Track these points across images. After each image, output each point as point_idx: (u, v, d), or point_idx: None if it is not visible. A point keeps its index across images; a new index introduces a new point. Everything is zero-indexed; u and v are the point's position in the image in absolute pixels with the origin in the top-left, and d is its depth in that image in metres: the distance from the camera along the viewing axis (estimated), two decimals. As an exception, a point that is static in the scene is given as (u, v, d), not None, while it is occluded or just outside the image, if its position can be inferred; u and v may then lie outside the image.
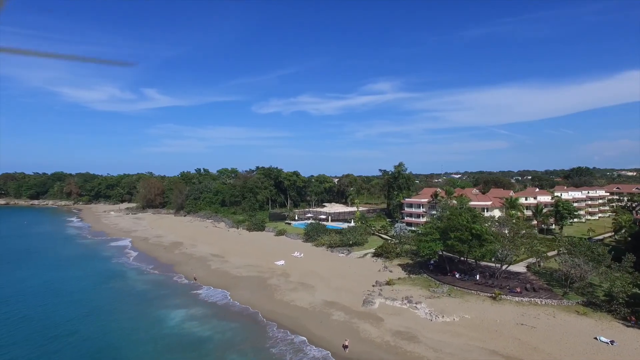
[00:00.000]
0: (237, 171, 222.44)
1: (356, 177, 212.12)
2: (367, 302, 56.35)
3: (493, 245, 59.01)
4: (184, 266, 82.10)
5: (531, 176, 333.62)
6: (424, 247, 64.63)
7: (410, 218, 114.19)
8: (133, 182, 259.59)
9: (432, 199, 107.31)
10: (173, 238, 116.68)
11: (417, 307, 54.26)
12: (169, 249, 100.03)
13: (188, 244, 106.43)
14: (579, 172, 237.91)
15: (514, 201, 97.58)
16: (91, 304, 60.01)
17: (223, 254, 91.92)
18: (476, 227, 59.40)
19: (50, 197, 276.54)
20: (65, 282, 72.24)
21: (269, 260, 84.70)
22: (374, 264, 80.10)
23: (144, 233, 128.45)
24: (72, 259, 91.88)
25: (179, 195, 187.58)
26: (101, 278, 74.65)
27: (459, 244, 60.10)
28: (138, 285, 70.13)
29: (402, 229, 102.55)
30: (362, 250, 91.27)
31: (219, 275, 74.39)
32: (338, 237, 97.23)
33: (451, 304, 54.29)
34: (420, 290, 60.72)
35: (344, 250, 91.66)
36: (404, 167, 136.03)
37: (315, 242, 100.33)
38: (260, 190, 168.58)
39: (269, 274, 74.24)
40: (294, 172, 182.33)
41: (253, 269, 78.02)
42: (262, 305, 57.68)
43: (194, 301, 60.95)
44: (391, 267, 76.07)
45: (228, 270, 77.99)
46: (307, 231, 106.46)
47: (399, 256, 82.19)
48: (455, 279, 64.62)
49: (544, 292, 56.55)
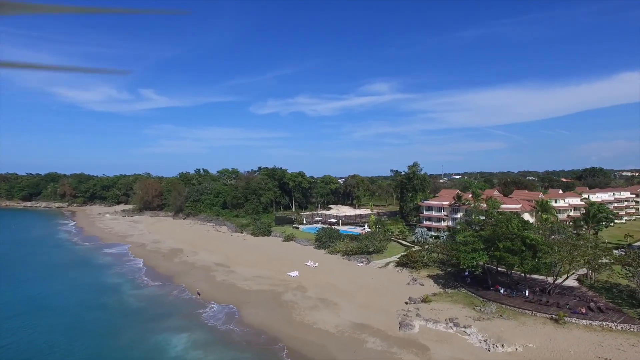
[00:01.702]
0: (238, 172, 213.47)
1: (363, 177, 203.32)
2: (404, 325, 47.57)
3: (551, 257, 50.32)
4: (185, 277, 73.04)
5: (533, 177, 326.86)
6: (465, 258, 55.86)
7: (430, 222, 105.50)
8: (130, 183, 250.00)
9: (454, 202, 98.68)
10: (172, 244, 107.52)
11: (466, 331, 45.54)
12: (168, 257, 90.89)
13: (189, 250, 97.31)
14: (592, 172, 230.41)
15: (546, 204, 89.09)
16: (79, 327, 50.93)
17: (228, 263, 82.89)
18: (530, 236, 50.71)
19: (43, 199, 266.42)
20: (50, 298, 63.02)
21: (280, 270, 75.83)
22: (399, 274, 71.41)
23: (141, 238, 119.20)
24: (60, 269, 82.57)
25: (178, 197, 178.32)
26: (91, 293, 65.50)
27: (509, 256, 51.37)
28: (133, 301, 61.04)
29: (424, 234, 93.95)
30: (383, 258, 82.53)
31: (225, 289, 65.39)
32: (355, 243, 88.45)
33: (507, 328, 45.57)
34: (464, 310, 51.98)
35: (362, 258, 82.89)
36: (419, 167, 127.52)
37: (329, 249, 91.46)
38: (264, 191, 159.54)
39: (283, 288, 65.33)
40: (299, 173, 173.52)
41: (264, 282, 69.07)
42: (280, 329, 48.79)
43: (199, 323, 51.95)
44: (420, 279, 67.33)
45: (235, 282, 69.00)
46: (318, 237, 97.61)
47: (426, 266, 73.53)
48: (500, 295, 55.92)
49: (614, 313, 47.91)
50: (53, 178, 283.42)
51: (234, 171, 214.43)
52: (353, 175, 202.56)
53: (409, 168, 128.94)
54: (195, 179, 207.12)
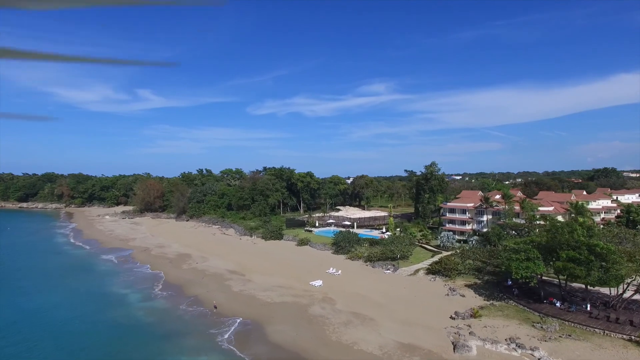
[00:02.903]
0: (242, 172, 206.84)
1: (372, 178, 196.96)
2: (460, 347, 41.17)
3: (626, 268, 44.10)
4: (197, 287, 66.37)
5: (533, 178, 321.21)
6: (518, 267, 49.53)
7: (453, 225, 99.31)
8: (129, 184, 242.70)
9: (481, 203, 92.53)
10: (178, 248, 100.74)
11: (534, 354, 39.18)
12: (175, 263, 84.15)
13: (197, 256, 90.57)
14: (605, 173, 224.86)
15: (581, 206, 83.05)
16: (81, 348, 44.26)
17: (242, 270, 76.26)
18: (600, 244, 44.48)
19: (40, 200, 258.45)
20: (48, 312, 56.19)
21: (301, 279, 69.34)
22: (433, 284, 65.07)
23: (144, 242, 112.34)
24: (59, 277, 75.70)
25: (181, 197, 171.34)
26: (95, 305, 58.74)
27: (574, 267, 45.08)
28: (142, 316, 54.35)
29: (450, 238, 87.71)
30: (410, 265, 76.22)
31: (244, 301, 58.77)
32: (378, 248, 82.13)
33: (583, 352, 39.24)
34: (522, 327, 45.63)
35: (388, 265, 76.50)
36: (437, 167, 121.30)
37: (349, 255, 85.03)
38: (271, 192, 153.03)
39: (308, 299, 58.81)
40: (307, 173, 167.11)
41: (286, 292, 62.52)
42: (316, 350, 42.29)
43: (218, 343, 45.28)
44: (458, 289, 60.98)
45: (254, 293, 62.38)
46: (336, 241, 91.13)
47: (460, 274, 67.25)
48: (557, 310, 49.60)
49: (701, 332, 41.71)
50: (50, 178, 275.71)
51: (237, 171, 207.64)
52: (361, 176, 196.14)
53: (426, 168, 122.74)
54: (197, 179, 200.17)
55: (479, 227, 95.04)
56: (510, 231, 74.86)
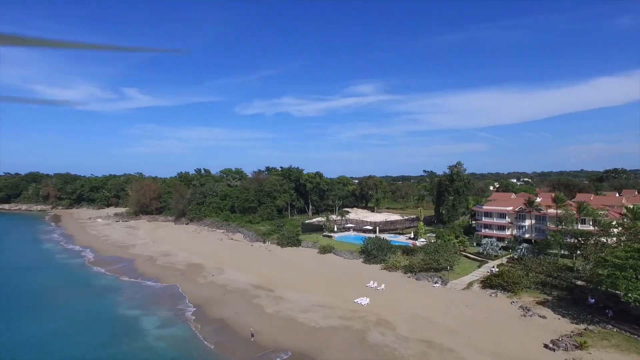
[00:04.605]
0: (242, 172, 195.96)
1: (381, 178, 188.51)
2: (587, 395, 32.31)
3: None
4: (221, 307, 56.11)
5: (527, 178, 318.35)
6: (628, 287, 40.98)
7: (490, 230, 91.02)
8: (121, 184, 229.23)
9: (524, 207, 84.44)
10: (187, 257, 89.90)
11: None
12: (188, 276, 73.52)
13: (211, 267, 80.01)
14: (614, 173, 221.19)
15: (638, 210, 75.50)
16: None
17: (269, 285, 66.20)
18: None
19: (24, 201, 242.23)
20: (46, 343, 45.27)
21: (340, 295, 59.77)
22: (496, 300, 56.34)
23: (146, 249, 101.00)
24: (53, 295, 64.21)
25: (180, 199, 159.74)
26: (102, 333, 48.03)
27: None
28: (163, 348, 43.92)
29: (493, 245, 79.34)
30: (458, 276, 67.42)
31: (285, 327, 48.87)
32: (419, 258, 73.18)
33: None
34: (647, 364, 37.09)
35: (434, 277, 67.59)
36: (463, 167, 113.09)
37: (384, 265, 75.83)
38: (279, 194, 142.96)
39: (361, 323, 49.29)
40: (316, 173, 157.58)
41: (330, 313, 52.84)
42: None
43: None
44: (532, 307, 52.34)
45: (293, 315, 52.52)
46: (366, 248, 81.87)
47: (525, 289, 58.71)
48: (673, 337, 41.31)
49: None
50: (35, 178, 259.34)
51: (237, 171, 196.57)
52: (369, 176, 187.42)
53: (450, 168, 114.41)
54: (196, 180, 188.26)
55: (519, 233, 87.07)
56: (571, 239, 66.77)
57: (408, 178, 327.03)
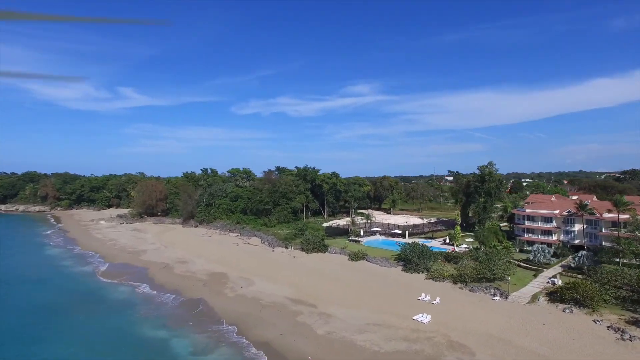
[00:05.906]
0: (251, 172, 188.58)
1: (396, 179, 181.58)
2: None
3: None
4: (260, 327, 48.67)
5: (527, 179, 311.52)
6: None
7: (533, 235, 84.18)
8: (122, 184, 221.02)
9: (574, 211, 77.73)
10: (206, 264, 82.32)
11: None
12: (212, 287, 65.97)
13: (236, 276, 72.52)
14: (632, 174, 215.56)
15: None
16: None
17: (308, 299, 58.82)
18: None
19: (21, 201, 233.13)
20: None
21: (394, 311, 52.61)
22: (573, 317, 49.47)
23: (159, 255, 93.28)
24: (62, 311, 56.37)
25: (189, 200, 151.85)
26: (124, 357, 40.63)
27: None
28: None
29: (545, 252, 72.60)
30: (515, 288, 60.42)
31: (344, 352, 41.54)
32: (470, 266, 66.21)
33: None
34: None
35: (489, 288, 60.65)
36: (495, 167, 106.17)
37: (429, 274, 68.76)
38: (295, 195, 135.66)
39: (431, 347, 42.14)
40: (332, 174, 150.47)
41: (391, 334, 45.61)
42: None
43: None
44: (625, 327, 45.47)
45: (349, 337, 45.20)
46: (405, 255, 74.84)
47: (604, 304, 51.89)
48: None
49: None
50: (32, 178, 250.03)
51: (245, 171, 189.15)
52: (384, 177, 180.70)
53: (481, 169, 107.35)
54: (203, 180, 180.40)
55: (568, 238, 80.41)
56: None
57: (407, 179, 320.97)
